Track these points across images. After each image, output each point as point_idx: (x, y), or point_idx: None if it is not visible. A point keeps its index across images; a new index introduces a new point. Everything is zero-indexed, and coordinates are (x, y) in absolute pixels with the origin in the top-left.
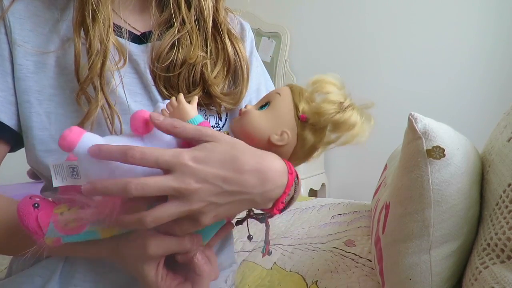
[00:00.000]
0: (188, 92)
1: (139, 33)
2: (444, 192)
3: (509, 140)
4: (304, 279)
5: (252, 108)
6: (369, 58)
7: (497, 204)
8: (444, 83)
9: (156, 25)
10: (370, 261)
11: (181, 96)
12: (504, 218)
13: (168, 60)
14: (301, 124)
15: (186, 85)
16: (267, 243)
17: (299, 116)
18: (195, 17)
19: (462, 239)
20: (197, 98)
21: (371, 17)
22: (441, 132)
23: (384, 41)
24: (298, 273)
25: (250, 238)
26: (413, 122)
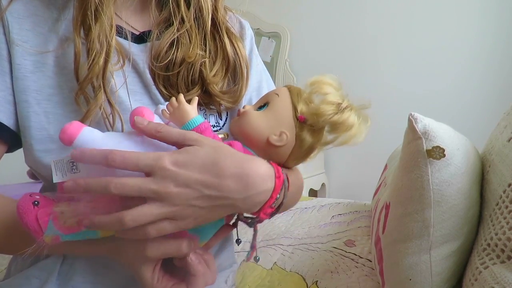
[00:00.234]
0: (187, 91)
1: (138, 32)
2: (444, 192)
3: (509, 140)
4: (304, 279)
5: (250, 109)
6: (369, 58)
7: (497, 204)
8: (444, 83)
9: (155, 24)
10: (370, 261)
11: (181, 96)
12: (504, 218)
13: (167, 59)
14: (299, 125)
15: (185, 84)
16: (252, 248)
17: (298, 116)
18: (194, 16)
19: (462, 239)
20: (197, 99)
21: (371, 17)
22: (441, 132)
23: (384, 41)
24: (298, 273)
25: (239, 242)
26: (413, 122)
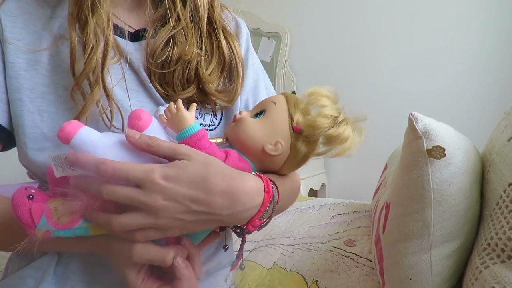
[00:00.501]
0: (183, 89)
1: (133, 30)
2: (445, 191)
3: (509, 140)
4: (304, 279)
5: (247, 116)
6: (369, 58)
7: (497, 204)
8: (444, 83)
9: (151, 22)
10: (370, 261)
11: (180, 102)
12: (505, 217)
13: (163, 57)
14: (295, 135)
15: (181, 82)
16: (238, 257)
17: (294, 127)
18: (190, 14)
19: (463, 239)
20: (195, 106)
21: (372, 17)
22: (442, 132)
23: (384, 41)
24: (298, 273)
25: (226, 248)
26: (414, 121)
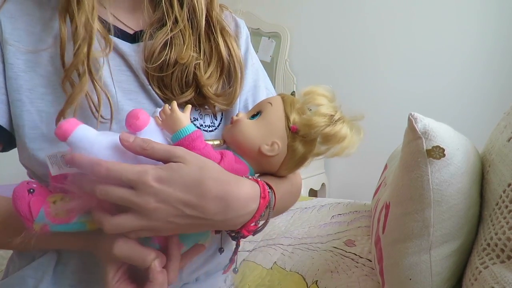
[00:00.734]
0: (182, 93)
1: (132, 31)
2: (444, 192)
3: (509, 140)
4: (304, 279)
5: (243, 117)
6: (369, 58)
7: (497, 204)
8: (444, 83)
9: (149, 24)
10: (370, 261)
11: (175, 104)
12: (504, 218)
13: (160, 60)
14: (291, 135)
15: (179, 85)
16: (231, 261)
17: (290, 127)
18: (188, 16)
19: (462, 239)
20: (190, 107)
21: (371, 17)
22: (441, 132)
23: (384, 41)
24: (298, 273)
25: (221, 251)
26: (413, 122)
